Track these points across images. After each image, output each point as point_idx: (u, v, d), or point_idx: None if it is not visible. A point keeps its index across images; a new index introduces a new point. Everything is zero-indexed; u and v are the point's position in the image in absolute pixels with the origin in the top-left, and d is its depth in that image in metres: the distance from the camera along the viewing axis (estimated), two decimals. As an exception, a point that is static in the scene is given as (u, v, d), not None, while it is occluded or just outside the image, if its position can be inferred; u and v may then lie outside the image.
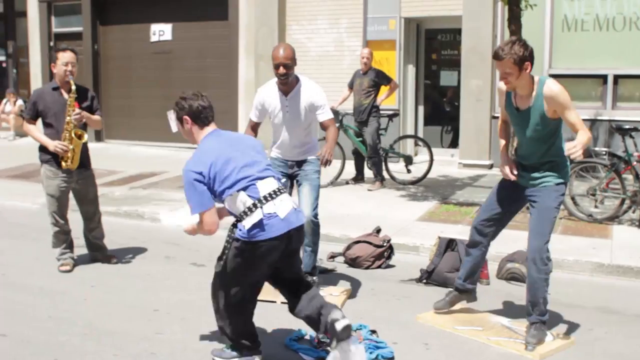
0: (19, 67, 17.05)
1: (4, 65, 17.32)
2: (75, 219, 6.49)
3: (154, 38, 14.57)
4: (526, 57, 4.40)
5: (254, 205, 4.00)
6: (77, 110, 6.03)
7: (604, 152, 8.23)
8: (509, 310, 5.34)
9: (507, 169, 4.74)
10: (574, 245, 6.87)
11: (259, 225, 3.98)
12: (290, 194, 5.69)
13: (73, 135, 6.04)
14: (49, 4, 15.65)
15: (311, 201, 5.51)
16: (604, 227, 7.60)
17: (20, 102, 15.97)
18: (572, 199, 7.99)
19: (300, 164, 5.64)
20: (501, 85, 4.66)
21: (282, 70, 5.36)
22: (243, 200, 4.03)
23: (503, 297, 5.63)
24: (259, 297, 5.39)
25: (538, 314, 4.68)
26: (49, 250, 6.40)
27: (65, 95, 6.07)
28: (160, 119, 14.25)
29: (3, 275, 6.12)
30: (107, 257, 6.51)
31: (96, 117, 6.28)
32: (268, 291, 5.58)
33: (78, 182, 6.24)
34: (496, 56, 4.45)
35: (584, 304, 5.56)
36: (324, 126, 5.61)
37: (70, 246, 6.37)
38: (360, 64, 10.09)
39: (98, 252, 6.53)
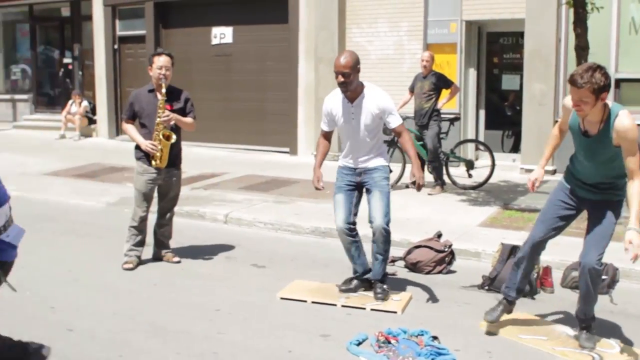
0: (85, 69, 17.49)
1: (70, 67, 17.77)
2: (151, 219, 6.62)
3: (215, 41, 14.75)
4: (606, 87, 4.15)
5: None
6: (167, 113, 6.20)
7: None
8: (575, 319, 5.21)
9: (532, 181, 4.72)
10: (641, 255, 6.66)
11: None
12: (358, 202, 5.68)
13: (161, 136, 6.20)
14: (113, 8, 16.00)
15: (383, 209, 5.45)
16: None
17: (85, 103, 16.38)
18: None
19: (368, 171, 5.59)
20: (567, 101, 4.50)
21: (340, 79, 5.34)
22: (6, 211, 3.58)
23: (568, 306, 5.49)
24: (319, 300, 5.44)
25: (590, 319, 4.67)
26: (114, 249, 6.53)
27: (159, 97, 6.23)
28: (221, 121, 14.52)
29: (69, 271, 6.27)
30: (170, 256, 6.61)
31: (187, 119, 6.42)
32: (328, 294, 5.60)
33: (164, 179, 6.44)
34: (573, 82, 4.17)
35: (653, 315, 5.40)
36: (395, 133, 5.58)
37: (140, 244, 6.51)
38: (420, 67, 10.02)
39: (162, 250, 6.65)
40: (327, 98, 5.71)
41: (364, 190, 5.63)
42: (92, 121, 16.50)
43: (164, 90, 6.24)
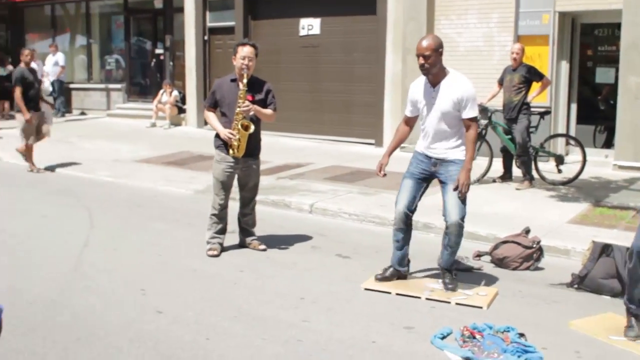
0: (175, 60, 17.90)
1: (161, 58, 18.22)
2: (233, 206, 6.73)
3: (302, 32, 14.83)
4: None
5: None
6: (247, 103, 6.26)
7: None
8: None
9: None
10: None
11: None
12: (424, 192, 5.62)
13: (240, 126, 6.28)
14: (204, -1, 16.31)
15: (458, 204, 5.37)
16: None
17: (175, 93, 16.77)
18: None
19: (444, 163, 5.48)
20: None
21: (421, 60, 5.29)
22: None
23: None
24: (404, 292, 5.42)
25: None
26: (201, 235, 6.67)
27: (241, 87, 6.32)
28: (307, 112, 14.61)
29: (159, 255, 6.45)
30: (256, 244, 6.70)
31: (267, 110, 6.46)
32: (412, 286, 5.58)
33: (242, 169, 6.51)
34: None
35: None
36: (464, 125, 5.43)
37: (221, 232, 6.61)
38: (510, 59, 9.82)
39: (247, 238, 6.74)
40: (412, 83, 5.68)
41: (438, 182, 5.55)
42: (181, 110, 16.90)
43: (245, 81, 6.28)
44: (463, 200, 5.39)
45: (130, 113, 18.05)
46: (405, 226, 5.61)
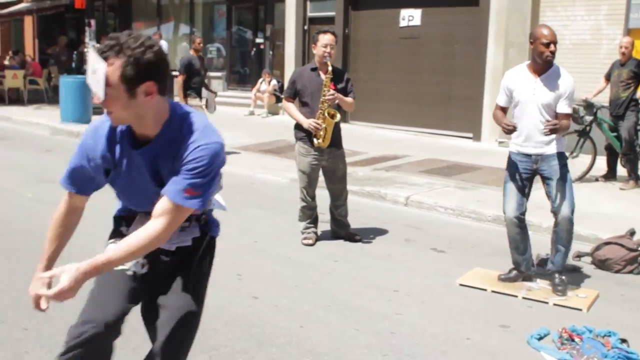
0: (275, 49, 18.12)
1: (262, 47, 18.49)
2: (322, 195, 6.76)
3: (402, 23, 14.71)
4: None
5: None
6: (332, 91, 6.24)
7: None
8: None
9: None
10: None
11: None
12: (529, 192, 5.46)
13: (326, 114, 6.27)
14: (305, -11, 16.43)
15: (569, 198, 5.23)
16: None
17: (274, 82, 16.98)
18: None
19: (546, 158, 5.30)
20: None
21: (552, 47, 5.14)
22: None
23: None
24: (500, 290, 5.31)
25: None
26: (296, 223, 6.73)
27: (322, 76, 6.31)
28: (405, 104, 14.52)
29: (255, 242, 6.56)
30: (350, 234, 6.70)
31: (349, 99, 6.43)
32: (509, 284, 5.46)
33: (328, 160, 6.48)
34: None
35: None
36: (558, 116, 5.22)
37: (314, 221, 6.64)
38: (618, 53, 9.44)
39: (341, 229, 6.74)
40: (508, 72, 5.52)
41: (541, 178, 5.37)
42: (279, 99, 17.07)
43: (329, 69, 6.25)
44: (572, 194, 5.27)
45: (229, 101, 18.39)
46: (520, 230, 5.45)
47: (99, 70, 2.37)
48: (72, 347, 2.63)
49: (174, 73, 11.43)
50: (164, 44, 19.06)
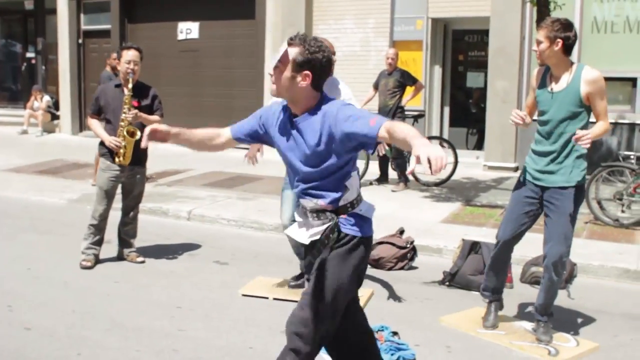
0: (48, 64, 17.25)
1: (33, 62, 17.52)
2: (114, 221, 6.54)
3: (181, 36, 14.65)
4: (559, 37, 4.45)
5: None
6: (133, 111, 6.11)
7: (631, 156, 8.13)
8: (532, 314, 5.28)
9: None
10: (599, 250, 6.79)
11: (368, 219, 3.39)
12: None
13: (125, 132, 6.11)
14: (78, 1, 15.80)
15: None
16: (631, 232, 7.51)
17: (47, 98, 16.14)
18: (599, 203, 7.90)
19: None
20: (532, 78, 4.69)
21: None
22: (357, 184, 3.35)
23: (526, 300, 5.57)
24: (281, 297, 5.44)
25: (549, 314, 4.77)
26: (75, 246, 6.45)
27: (126, 92, 6.14)
28: (188, 117, 14.41)
29: (28, 269, 6.18)
30: (134, 256, 6.51)
31: (153, 117, 6.28)
32: (289, 291, 5.61)
33: (128, 177, 6.34)
34: (538, 26, 4.59)
35: (609, 309, 5.49)
36: None
37: (98, 243, 6.39)
38: (385, 64, 10.06)
39: (126, 250, 6.55)
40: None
41: None
42: (55, 117, 16.28)
43: (130, 86, 6.14)
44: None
45: (-1, 120, 17.25)
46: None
47: (282, 48, 3.10)
48: None
49: None
50: None
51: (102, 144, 6.30)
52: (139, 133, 6.16)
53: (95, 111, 6.38)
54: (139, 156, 6.32)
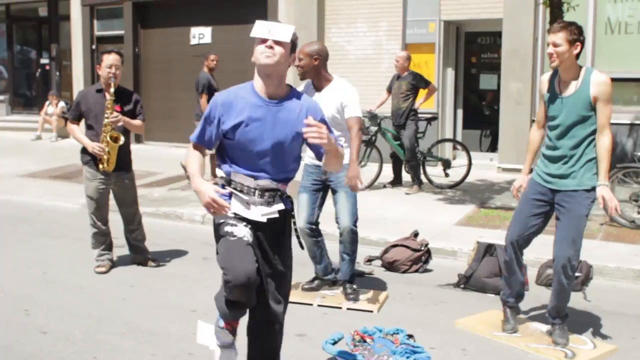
0: (62, 70, 17.36)
1: (47, 68, 17.62)
2: (116, 219, 6.56)
3: (193, 41, 14.70)
4: (578, 40, 4.46)
5: None
6: (115, 114, 6.05)
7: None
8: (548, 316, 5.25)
9: (516, 188, 4.88)
10: (615, 252, 6.74)
11: None
12: (323, 203, 5.63)
13: (108, 138, 6.07)
14: (91, 7, 15.89)
15: (350, 209, 5.39)
16: (647, 233, 7.45)
17: (62, 104, 16.24)
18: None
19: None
20: (542, 84, 4.66)
21: (296, 62, 5.14)
22: None
23: (543, 303, 5.54)
24: (296, 300, 5.43)
25: (563, 317, 4.74)
26: (89, 250, 6.47)
27: (108, 97, 6.11)
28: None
29: (44, 273, 6.22)
30: (147, 259, 6.53)
31: (136, 122, 6.23)
32: (304, 294, 5.61)
33: (116, 184, 6.28)
34: (550, 29, 4.55)
35: (626, 311, 5.45)
36: (348, 125, 5.32)
37: (108, 248, 6.41)
38: (395, 67, 10.06)
39: (138, 255, 6.55)
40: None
41: (330, 190, 5.54)
42: (69, 122, 16.36)
43: (112, 90, 6.04)
44: (354, 206, 5.39)
45: (14, 126, 17.34)
46: (314, 238, 5.55)
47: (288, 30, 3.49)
48: None
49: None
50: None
51: (84, 151, 6.18)
52: (122, 138, 6.10)
53: (75, 117, 6.26)
54: (123, 162, 6.23)
